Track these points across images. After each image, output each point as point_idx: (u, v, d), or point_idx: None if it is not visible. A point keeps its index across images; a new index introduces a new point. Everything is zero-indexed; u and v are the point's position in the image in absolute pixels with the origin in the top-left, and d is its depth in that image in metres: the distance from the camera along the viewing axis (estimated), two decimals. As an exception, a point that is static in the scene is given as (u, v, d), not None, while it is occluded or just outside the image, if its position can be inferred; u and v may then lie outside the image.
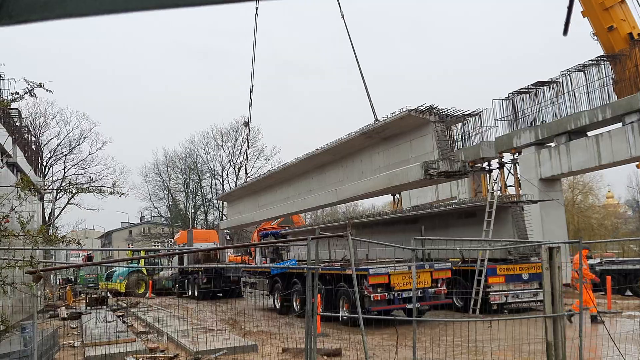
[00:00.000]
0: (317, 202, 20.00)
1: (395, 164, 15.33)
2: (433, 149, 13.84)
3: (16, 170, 24.08)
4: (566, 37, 1.36)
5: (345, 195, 17.87)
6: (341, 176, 18.26)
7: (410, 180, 14.49)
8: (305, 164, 19.96)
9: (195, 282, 31.23)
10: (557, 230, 26.21)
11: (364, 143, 16.61)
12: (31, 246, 7.27)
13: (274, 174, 23.05)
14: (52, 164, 51.74)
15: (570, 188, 49.13)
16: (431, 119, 13.78)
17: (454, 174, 13.87)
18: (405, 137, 15.08)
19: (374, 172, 16.32)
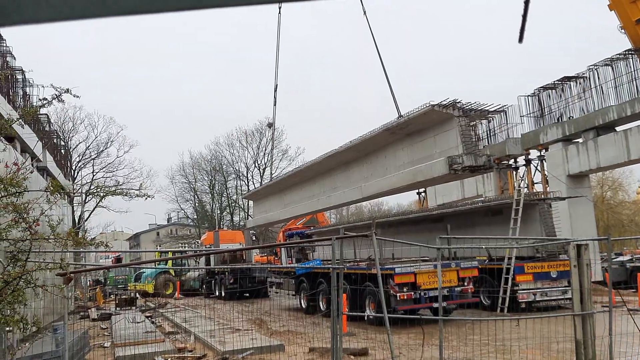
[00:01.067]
0: (342, 200, 19.99)
1: (419, 160, 15.25)
2: (457, 143, 13.71)
3: (46, 174, 24.53)
4: (521, 44, 1.35)
5: (369, 192, 17.82)
6: (365, 173, 18.23)
7: (435, 176, 14.38)
8: (329, 162, 19.97)
9: (222, 282, 31.46)
10: (586, 227, 25.84)
11: (387, 139, 16.55)
12: (61, 249, 7.40)
13: (299, 172, 23.10)
14: (81, 167, 52.45)
15: (599, 184, 48.42)
16: (455, 113, 13.65)
17: (478, 168, 13.72)
18: (429, 132, 14.99)
19: (398, 168, 16.25)
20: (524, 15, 1.30)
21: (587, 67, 26.36)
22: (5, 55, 21.03)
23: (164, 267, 35.87)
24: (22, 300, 6.24)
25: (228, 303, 27.47)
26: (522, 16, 1.31)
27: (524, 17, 1.31)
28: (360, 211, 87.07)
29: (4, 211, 6.32)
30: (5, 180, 6.28)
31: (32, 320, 6.65)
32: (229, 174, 66.32)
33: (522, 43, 1.35)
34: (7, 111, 14.44)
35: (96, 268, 28.09)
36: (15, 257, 6.43)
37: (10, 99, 19.75)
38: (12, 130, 7.46)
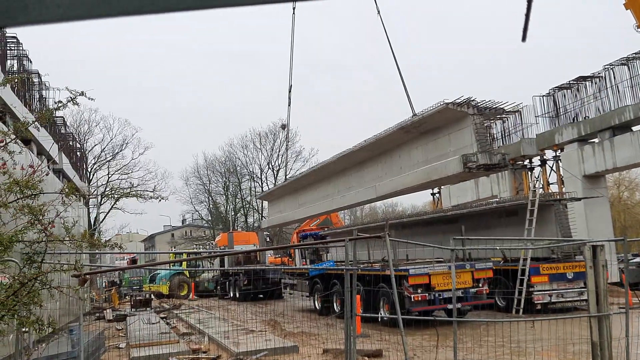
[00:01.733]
0: (357, 199, 19.96)
1: (433, 159, 15.18)
2: (472, 142, 13.62)
3: (62, 176, 24.76)
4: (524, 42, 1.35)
5: (384, 191, 17.77)
6: (380, 172, 18.19)
7: (449, 174, 14.30)
8: (343, 161, 19.95)
9: (236, 283, 31.55)
10: (603, 227, 25.61)
11: (402, 138, 16.50)
12: (75, 251, 7.47)
13: (313, 172, 23.11)
14: (96, 169, 52.99)
15: (616, 184, 47.96)
16: (469, 111, 13.57)
17: (493, 166, 13.62)
18: (443, 131, 14.92)
19: (413, 167, 16.18)
20: (527, 14, 1.31)
21: (603, 67, 26.15)
22: (22, 58, 21.26)
23: (178, 268, 36.06)
24: (38, 301, 6.30)
25: (242, 304, 27.56)
26: (525, 15, 1.31)
27: (526, 16, 1.31)
28: (374, 212, 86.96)
29: (20, 213, 6.38)
30: (21, 182, 6.35)
31: (48, 321, 6.71)
32: (243, 176, 66.61)
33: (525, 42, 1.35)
34: (23, 114, 14.61)
35: (111, 269, 28.30)
36: (31, 258, 6.50)
37: (26, 102, 19.96)
38: (28, 133, 7.53)
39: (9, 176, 6.36)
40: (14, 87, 17.32)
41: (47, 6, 1.21)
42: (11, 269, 6.72)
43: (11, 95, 16.68)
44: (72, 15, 1.24)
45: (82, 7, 1.23)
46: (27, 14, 1.23)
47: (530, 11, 1.28)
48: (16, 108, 16.18)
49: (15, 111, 15.98)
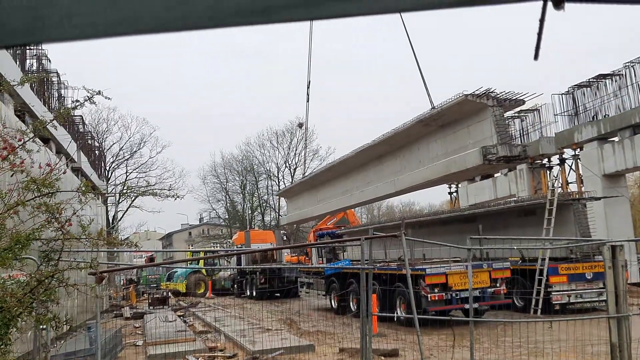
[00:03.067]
0: (375, 194, 19.87)
1: (453, 152, 15.02)
2: (491, 133, 13.43)
3: (80, 174, 24.98)
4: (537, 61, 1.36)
5: (403, 185, 17.66)
6: (399, 167, 18.08)
7: (468, 167, 14.13)
8: (362, 156, 19.87)
9: (253, 282, 31.64)
10: (623, 227, 25.28)
11: (421, 131, 16.36)
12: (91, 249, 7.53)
13: (332, 167, 23.06)
14: (114, 168, 53.45)
15: (637, 184, 47.31)
16: (489, 103, 13.39)
17: (513, 158, 13.43)
18: (462, 123, 14.76)
19: (432, 161, 16.03)
20: (539, 33, 1.32)
21: (624, 65, 25.80)
22: (41, 58, 21.48)
23: (196, 266, 36.23)
24: (55, 299, 6.35)
25: (259, 303, 27.62)
26: (537, 34, 1.32)
27: (539, 35, 1.32)
28: (391, 211, 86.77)
29: (38, 211, 6.43)
30: (38, 181, 6.40)
31: (65, 319, 6.76)
32: (260, 174, 66.81)
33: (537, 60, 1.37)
34: (42, 113, 14.75)
35: (128, 267, 28.50)
36: (48, 256, 6.55)
37: (45, 101, 20.17)
38: (46, 131, 7.59)
39: (26, 174, 6.41)
40: (33, 87, 17.51)
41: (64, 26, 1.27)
42: (29, 266, 6.78)
43: (30, 95, 16.87)
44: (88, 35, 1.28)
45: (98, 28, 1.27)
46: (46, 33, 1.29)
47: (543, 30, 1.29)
48: (35, 107, 16.34)
49: (34, 110, 16.15)
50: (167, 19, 1.25)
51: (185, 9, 1.24)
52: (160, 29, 1.27)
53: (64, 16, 1.25)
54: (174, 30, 1.28)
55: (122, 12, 1.24)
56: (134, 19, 1.25)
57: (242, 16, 1.26)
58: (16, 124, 12.23)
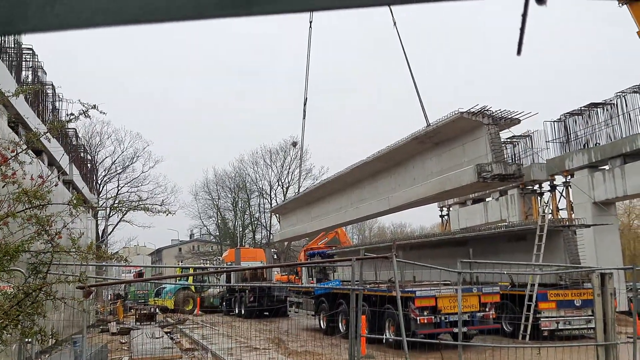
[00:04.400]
0: (369, 211, 19.82)
1: (448, 169, 15.02)
2: (486, 152, 13.45)
3: (72, 187, 24.88)
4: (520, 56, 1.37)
5: (397, 203, 17.64)
6: (393, 184, 18.08)
7: (463, 184, 14.10)
8: (357, 173, 19.86)
9: (242, 300, 31.45)
10: (612, 255, 25.37)
11: (416, 149, 16.39)
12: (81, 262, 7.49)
13: (327, 183, 23.03)
14: (106, 182, 53.28)
15: (626, 212, 47.62)
16: (484, 121, 13.42)
17: (508, 177, 13.41)
18: (457, 141, 14.79)
19: (426, 178, 16.01)
20: (522, 28, 1.32)
21: (615, 94, 26.11)
22: (37, 70, 21.49)
23: (185, 283, 36.00)
24: (42, 312, 6.30)
25: (247, 321, 27.42)
26: (520, 29, 1.33)
27: (521, 30, 1.33)
28: (382, 232, 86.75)
29: (28, 223, 6.41)
30: (29, 192, 6.38)
31: (51, 333, 6.70)
32: (252, 192, 66.75)
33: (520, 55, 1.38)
34: (36, 125, 14.74)
35: (116, 282, 28.30)
36: (37, 269, 6.51)
37: (39, 113, 20.15)
38: (40, 143, 7.59)
39: (18, 186, 6.40)
40: (28, 98, 17.50)
41: (46, 15, 1.25)
42: (16, 278, 6.74)
43: (24, 106, 16.84)
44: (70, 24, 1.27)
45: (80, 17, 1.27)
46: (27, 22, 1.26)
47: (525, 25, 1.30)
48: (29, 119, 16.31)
49: (28, 122, 16.12)
50: (149, 9, 1.25)
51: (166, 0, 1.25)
52: (142, 19, 1.27)
53: (46, 4, 1.24)
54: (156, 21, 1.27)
55: (104, 2, 1.24)
56: (117, 9, 1.24)
57: (223, 8, 1.26)
58: (9, 135, 12.22)
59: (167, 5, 1.25)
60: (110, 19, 1.26)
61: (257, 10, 1.25)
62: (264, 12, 1.26)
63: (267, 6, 1.25)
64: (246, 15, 1.26)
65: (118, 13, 1.25)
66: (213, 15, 1.28)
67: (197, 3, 1.25)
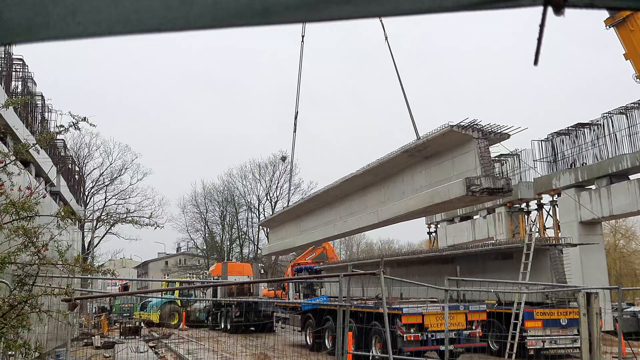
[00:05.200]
0: (358, 224, 19.77)
1: (437, 183, 15.03)
2: (475, 165, 13.51)
3: (59, 199, 24.72)
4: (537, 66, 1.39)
5: (386, 216, 17.63)
6: (382, 197, 18.09)
7: (452, 197, 14.09)
8: (346, 186, 19.85)
9: (228, 315, 31.26)
10: (598, 275, 25.52)
11: (405, 162, 16.42)
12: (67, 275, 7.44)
13: (316, 196, 22.97)
14: (94, 193, 52.91)
15: (612, 232, 47.95)
16: (474, 135, 13.46)
17: (497, 191, 13.43)
18: (447, 154, 14.84)
19: (416, 192, 16.01)
20: (539, 38, 1.33)
21: (602, 115, 26.44)
22: (27, 80, 21.43)
23: (170, 297, 35.73)
24: (26, 325, 6.23)
25: (233, 336, 27.24)
26: (537, 40, 1.34)
27: (538, 40, 1.34)
28: (370, 248, 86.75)
29: (14, 235, 6.37)
30: (17, 204, 6.35)
31: (35, 346, 6.63)
32: (241, 206, 66.55)
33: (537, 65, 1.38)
34: (25, 136, 14.68)
35: (102, 295, 28.04)
36: (22, 281, 6.46)
37: (28, 123, 20.06)
38: (28, 155, 7.56)
39: (5, 197, 6.37)
40: (17, 109, 17.43)
41: (68, 24, 1.28)
42: (1, 290, 6.68)
43: (13, 117, 16.77)
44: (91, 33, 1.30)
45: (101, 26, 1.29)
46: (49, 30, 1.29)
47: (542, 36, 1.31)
48: (18, 130, 16.25)
49: (17, 133, 16.05)
50: (168, 18, 1.27)
51: (185, 8, 1.26)
52: (161, 28, 1.29)
53: (68, 13, 1.26)
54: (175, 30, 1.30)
55: (124, 11, 1.26)
56: (136, 18, 1.27)
57: (241, 17, 1.28)
58: (-3, 145, 12.14)
59: (186, 14, 1.27)
60: (131, 28, 1.29)
61: (276, 20, 1.29)
62: (282, 22, 1.30)
63: (285, 16, 1.28)
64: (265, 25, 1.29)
65: (138, 22, 1.27)
66: (232, 25, 1.31)
67: (216, 12, 1.27)
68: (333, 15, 1.30)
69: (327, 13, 1.28)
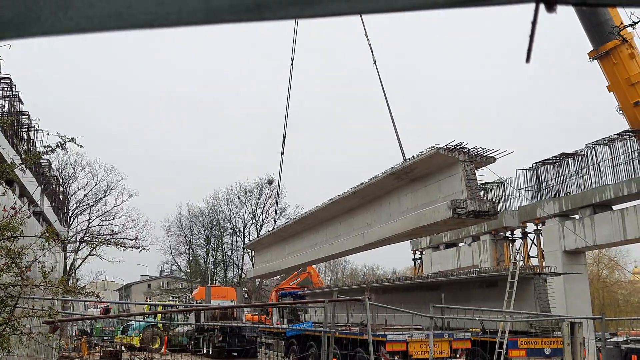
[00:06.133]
0: (344, 247, 19.68)
1: (423, 205, 15.04)
2: (462, 188, 13.55)
3: (42, 219, 24.48)
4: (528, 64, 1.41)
5: (372, 239, 17.58)
6: (369, 220, 18.07)
7: (438, 220, 14.07)
8: (333, 208, 19.80)
9: (211, 339, 30.92)
10: (581, 304, 25.61)
11: (392, 184, 16.46)
12: (51, 297, 7.35)
13: (303, 218, 22.89)
14: (77, 214, 52.40)
15: (596, 262, 48.25)
16: (460, 158, 13.51)
17: (482, 214, 13.45)
18: (433, 177, 14.89)
19: (402, 214, 16.00)
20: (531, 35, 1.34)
21: (585, 145, 26.79)
22: (14, 99, 21.35)
23: (152, 320, 35.30)
24: (7, 347, 6.15)
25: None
26: (530, 37, 1.35)
27: (531, 37, 1.35)
28: (355, 274, 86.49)
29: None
30: (1, 224, 6.30)
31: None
32: (226, 229, 66.24)
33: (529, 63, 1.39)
34: (11, 156, 14.58)
35: (84, 318, 27.69)
36: (4, 302, 6.37)
37: (14, 142, 19.94)
38: (14, 174, 7.52)
39: (-10, 217, 6.32)
40: (3, 128, 17.34)
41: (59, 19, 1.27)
42: (-18, 311, 6.58)
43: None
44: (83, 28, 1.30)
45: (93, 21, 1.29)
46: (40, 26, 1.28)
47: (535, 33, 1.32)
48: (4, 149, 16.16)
49: (2, 152, 15.95)
50: (161, 13, 1.27)
51: (178, 4, 1.26)
52: (154, 23, 1.29)
53: (60, 8, 1.25)
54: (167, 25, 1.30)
55: (117, 6, 1.25)
56: (128, 13, 1.26)
57: (235, 13, 1.28)
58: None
59: (178, 9, 1.26)
60: (123, 23, 1.29)
61: (269, 16, 1.29)
62: (275, 18, 1.30)
63: (279, 12, 1.28)
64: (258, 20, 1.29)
65: (130, 18, 1.27)
66: (225, 20, 1.31)
67: (209, 8, 1.27)
68: (327, 11, 1.30)
69: (321, 9, 1.29)
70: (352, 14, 1.33)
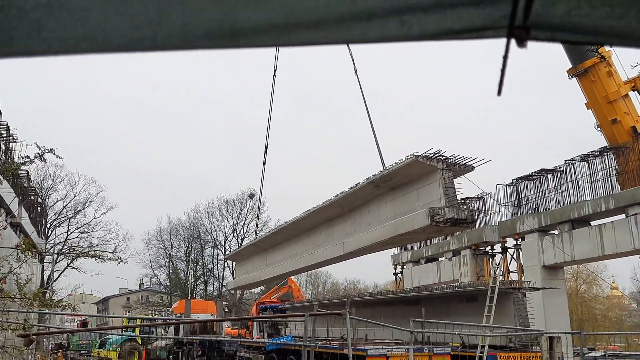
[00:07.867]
0: (324, 257, 19.64)
1: (402, 214, 15.06)
2: (440, 196, 13.57)
3: (19, 231, 24.17)
4: (500, 96, 1.44)
5: (352, 248, 17.57)
6: (349, 229, 18.08)
7: (416, 227, 14.06)
8: (313, 218, 19.75)
9: (190, 354, 30.63)
10: (560, 319, 25.78)
11: (372, 193, 16.49)
12: (26, 309, 7.25)
13: (283, 228, 22.82)
14: (56, 226, 51.69)
15: (574, 277, 48.67)
16: (439, 166, 13.52)
17: (460, 221, 13.46)
18: (412, 186, 14.94)
19: (381, 223, 16.02)
20: (502, 69, 1.37)
21: (564, 161, 27.13)
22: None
23: (131, 334, 34.88)
24: (-19, 361, 6.04)
25: (194, 376, 26.66)
26: (501, 70, 1.37)
27: (502, 71, 1.37)
28: (336, 288, 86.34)
29: (-27, 267, 6.22)
30: (-22, 235, 6.22)
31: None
32: (207, 242, 65.79)
33: (501, 95, 1.41)
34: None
35: (60, 331, 27.25)
36: (-21, 315, 6.28)
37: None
38: (-9, 185, 7.44)
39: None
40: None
41: (32, 40, 1.24)
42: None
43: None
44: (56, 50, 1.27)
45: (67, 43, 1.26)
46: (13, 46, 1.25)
47: (506, 67, 1.35)
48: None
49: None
50: (136, 38, 1.25)
51: (153, 29, 1.23)
52: (128, 48, 1.27)
53: (33, 29, 1.22)
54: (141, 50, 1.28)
55: (91, 29, 1.22)
56: (102, 37, 1.24)
57: (210, 39, 1.27)
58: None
59: (153, 35, 1.25)
60: (97, 46, 1.26)
61: (244, 43, 1.28)
62: (251, 45, 1.30)
63: (254, 39, 1.28)
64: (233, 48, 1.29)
65: (104, 41, 1.25)
66: (200, 47, 1.29)
67: (185, 34, 1.25)
68: (302, 40, 1.30)
69: (296, 38, 1.29)
70: (327, 44, 1.33)
